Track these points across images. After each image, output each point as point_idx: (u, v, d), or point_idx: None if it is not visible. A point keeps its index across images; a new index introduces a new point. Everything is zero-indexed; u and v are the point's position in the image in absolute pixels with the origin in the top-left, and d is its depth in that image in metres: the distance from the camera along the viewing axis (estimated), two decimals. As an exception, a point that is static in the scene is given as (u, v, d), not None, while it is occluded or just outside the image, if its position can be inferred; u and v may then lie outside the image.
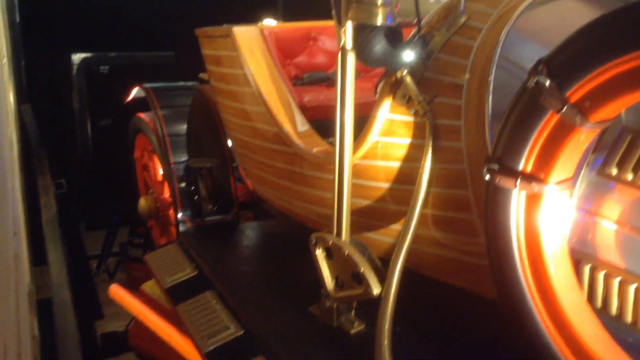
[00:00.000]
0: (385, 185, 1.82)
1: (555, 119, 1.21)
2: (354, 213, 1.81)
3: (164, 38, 5.64)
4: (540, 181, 1.27)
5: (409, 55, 1.65)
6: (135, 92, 4.02)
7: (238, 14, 2.97)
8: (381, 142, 1.80)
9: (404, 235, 1.61)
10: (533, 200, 1.30)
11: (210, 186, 3.01)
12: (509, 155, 1.30)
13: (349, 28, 1.66)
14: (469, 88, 1.58)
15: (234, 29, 2.47)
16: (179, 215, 3.05)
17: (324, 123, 2.32)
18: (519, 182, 1.29)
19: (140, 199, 3.81)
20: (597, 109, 1.16)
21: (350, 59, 1.69)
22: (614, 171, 1.29)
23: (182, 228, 3.01)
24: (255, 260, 2.61)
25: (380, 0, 1.56)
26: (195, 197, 3.04)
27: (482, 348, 1.70)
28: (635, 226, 1.26)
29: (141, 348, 3.22)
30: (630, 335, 1.28)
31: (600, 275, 1.31)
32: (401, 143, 1.75)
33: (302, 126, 2.32)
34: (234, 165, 2.99)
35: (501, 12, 1.59)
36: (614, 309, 1.30)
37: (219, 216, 3.00)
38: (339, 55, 1.69)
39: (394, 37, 1.64)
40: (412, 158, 1.72)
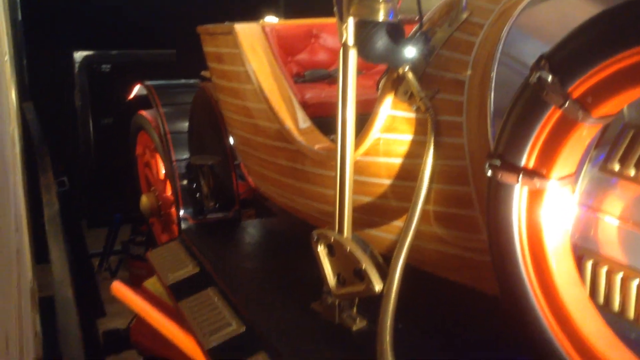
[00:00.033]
0: (387, 181, 1.81)
1: (557, 114, 1.20)
2: (356, 210, 1.80)
3: (166, 36, 5.65)
4: (543, 177, 1.27)
5: (410, 52, 1.65)
6: (137, 90, 4.03)
7: (239, 12, 2.97)
8: (383, 139, 1.80)
9: (406, 231, 1.61)
10: (535, 196, 1.29)
11: (212, 184, 3.01)
12: (511, 150, 1.29)
13: (351, 24, 1.66)
14: (471, 84, 1.57)
15: (235, 26, 2.47)
16: (181, 212, 3.06)
17: (326, 120, 2.31)
18: (521, 178, 1.28)
19: (142, 197, 3.82)
20: (600, 104, 1.15)
21: (352, 55, 1.68)
22: (617, 167, 1.29)
23: (184, 225, 3.02)
24: (257, 258, 2.61)
25: (381, -4, 1.56)
26: (197, 195, 3.04)
27: (484, 344, 1.70)
28: (638, 222, 1.25)
29: (143, 345, 3.22)
30: (633, 331, 1.28)
31: (603, 271, 1.30)
32: (403, 139, 1.75)
33: (304, 123, 2.32)
34: (235, 162, 2.99)
35: (503, 8, 1.59)
36: (616, 305, 1.29)
37: (220, 213, 3.00)
38: (341, 51, 1.69)
39: (396, 33, 1.64)
40: (414, 154, 1.72)
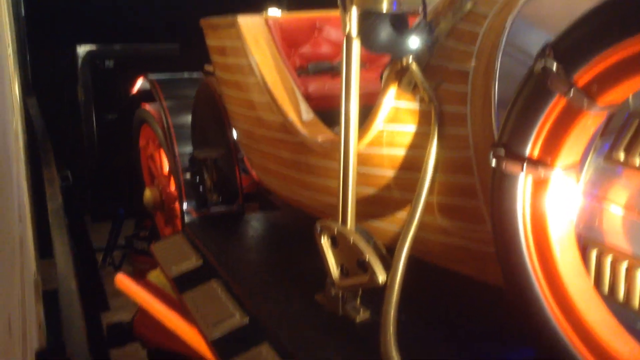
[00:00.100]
0: (391, 173, 1.81)
1: (562, 102, 1.20)
2: (359, 201, 1.80)
3: (168, 29, 5.65)
4: (547, 166, 1.26)
5: (414, 42, 1.64)
6: (140, 84, 4.03)
7: (242, 4, 2.96)
8: (387, 130, 1.79)
9: (410, 222, 1.60)
10: (540, 185, 1.29)
11: (215, 177, 3.01)
12: (515, 140, 1.29)
13: (354, 15, 1.65)
14: (475, 75, 1.57)
15: (238, 19, 2.47)
16: (185, 206, 3.06)
17: (329, 113, 2.31)
18: (525, 167, 1.28)
19: (146, 190, 3.82)
20: (605, 93, 1.15)
21: (356, 45, 1.68)
22: (622, 156, 1.28)
23: (188, 219, 3.02)
24: (260, 250, 2.61)
25: (385, -13, 1.55)
26: (200, 188, 3.04)
27: (488, 336, 1.70)
28: (643, 211, 1.25)
29: (147, 337, 3.23)
30: (638, 321, 1.27)
31: (607, 261, 1.30)
32: (407, 130, 1.74)
33: (307, 115, 2.32)
34: (239, 156, 2.99)
35: (507, -1, 1.58)
36: (621, 294, 1.29)
37: (224, 207, 3.00)
38: (344, 42, 1.69)
39: (400, 24, 1.63)
40: (418, 145, 1.71)
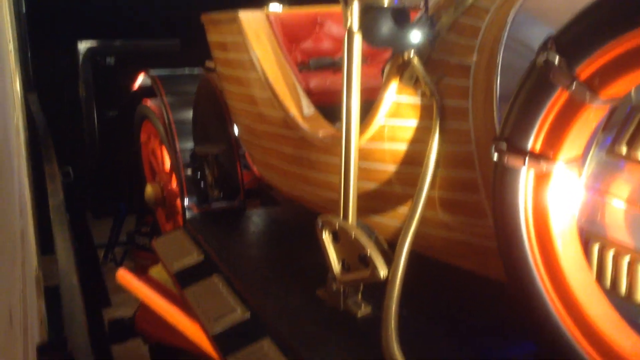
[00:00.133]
0: (392, 167, 1.81)
1: (564, 96, 1.19)
2: (361, 196, 1.80)
3: (169, 25, 5.65)
4: (549, 159, 1.26)
5: (416, 36, 1.63)
6: (141, 80, 4.03)
7: (243, 0, 2.95)
8: (388, 125, 1.79)
9: (411, 217, 1.60)
10: (542, 179, 1.29)
11: (216, 173, 3.01)
12: (517, 133, 1.29)
13: (356, 9, 1.65)
14: (477, 69, 1.56)
15: (239, 14, 2.46)
16: (186, 201, 3.06)
17: (330, 108, 2.30)
18: (527, 161, 1.27)
19: (147, 186, 3.82)
20: (607, 86, 1.14)
21: (357, 40, 1.67)
22: (624, 150, 1.27)
23: (189, 215, 3.02)
24: (261, 246, 2.61)
25: (386, -19, 1.55)
26: (201, 184, 3.04)
27: (490, 330, 1.69)
28: (645, 205, 1.24)
29: (148, 332, 3.24)
30: None
31: (609, 255, 1.29)
32: (408, 125, 1.74)
33: (308, 110, 2.31)
34: (240, 152, 2.99)
35: (509, -8, 1.57)
36: (623, 288, 1.28)
37: (225, 203, 3.00)
38: (346, 36, 1.68)
39: (401, 18, 1.62)
40: (419, 140, 1.71)
